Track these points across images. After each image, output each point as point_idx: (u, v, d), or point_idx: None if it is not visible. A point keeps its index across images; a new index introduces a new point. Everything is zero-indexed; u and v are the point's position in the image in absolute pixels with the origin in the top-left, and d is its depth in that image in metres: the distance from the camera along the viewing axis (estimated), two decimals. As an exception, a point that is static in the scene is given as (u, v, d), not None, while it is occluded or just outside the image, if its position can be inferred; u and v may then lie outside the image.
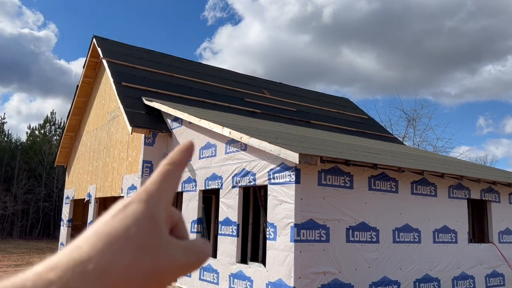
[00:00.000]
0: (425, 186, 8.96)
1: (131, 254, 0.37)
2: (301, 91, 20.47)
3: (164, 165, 0.43)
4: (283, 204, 7.22)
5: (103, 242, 0.37)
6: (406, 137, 28.84)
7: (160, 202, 0.41)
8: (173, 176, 0.43)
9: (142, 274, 0.37)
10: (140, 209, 0.39)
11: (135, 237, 0.38)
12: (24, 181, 27.50)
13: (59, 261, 0.36)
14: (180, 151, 0.45)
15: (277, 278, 7.16)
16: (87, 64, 15.71)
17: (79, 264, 0.35)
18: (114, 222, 0.38)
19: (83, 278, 0.35)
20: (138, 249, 0.37)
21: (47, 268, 0.35)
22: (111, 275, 0.36)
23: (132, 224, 0.38)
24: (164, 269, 0.39)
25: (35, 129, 33.40)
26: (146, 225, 0.39)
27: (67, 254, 0.36)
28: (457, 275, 9.19)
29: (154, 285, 0.38)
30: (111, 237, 0.37)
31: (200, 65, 17.95)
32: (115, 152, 13.20)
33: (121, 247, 0.37)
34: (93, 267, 0.35)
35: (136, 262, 0.37)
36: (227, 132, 8.63)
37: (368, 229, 7.88)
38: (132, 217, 0.39)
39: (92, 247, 0.36)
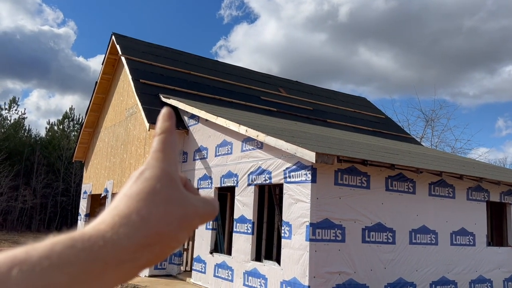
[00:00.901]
0: (443, 188, 8.84)
1: (162, 205, 0.42)
2: (317, 89, 20.37)
3: (159, 134, 0.48)
4: (299, 203, 7.20)
5: (135, 199, 0.42)
6: (424, 137, 28.47)
7: (170, 164, 0.46)
8: (171, 141, 0.48)
9: (175, 220, 0.43)
10: (157, 171, 0.44)
11: (161, 192, 0.43)
12: (43, 175, 28.03)
13: (104, 218, 0.41)
14: (165, 120, 0.49)
15: (291, 276, 7.15)
16: (106, 61, 15.91)
17: (123, 216, 0.40)
18: (138, 184, 0.43)
19: (129, 226, 0.40)
20: (167, 200, 0.43)
21: (97, 223, 0.40)
22: (152, 221, 0.41)
23: (156, 182, 0.43)
24: (191, 216, 0.45)
25: (54, 124, 34.01)
26: (167, 182, 0.44)
27: (108, 213, 0.41)
28: (475, 279, 9.05)
29: (185, 229, 0.44)
30: (141, 195, 0.42)
31: (217, 63, 18.01)
32: (133, 148, 13.35)
33: (153, 200, 0.42)
34: (135, 217, 0.40)
35: (167, 210, 0.42)
36: (243, 130, 8.65)
37: (384, 229, 7.81)
38: (152, 178, 0.44)
39: (128, 204, 0.41)
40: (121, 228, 0.39)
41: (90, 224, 0.41)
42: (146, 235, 0.40)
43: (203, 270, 9.77)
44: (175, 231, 0.42)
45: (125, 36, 15.77)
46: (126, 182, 0.45)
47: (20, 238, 21.15)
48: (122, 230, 0.39)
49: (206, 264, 9.71)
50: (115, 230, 0.39)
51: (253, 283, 8.09)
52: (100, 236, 0.38)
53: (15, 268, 0.34)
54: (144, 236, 0.40)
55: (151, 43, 16.35)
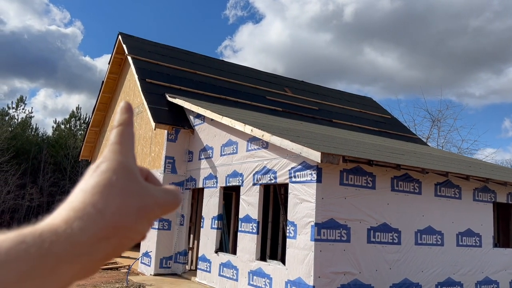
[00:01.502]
0: (449, 188, 8.79)
1: (119, 197, 0.42)
2: (323, 89, 20.34)
3: (117, 127, 0.48)
4: (304, 203, 7.20)
5: (91, 193, 0.41)
6: (430, 138, 28.32)
7: (127, 155, 0.46)
8: (129, 133, 0.48)
9: (133, 211, 0.42)
10: (113, 163, 0.44)
11: (117, 184, 0.43)
12: (50, 174, 28.23)
13: (59, 213, 0.40)
14: (123, 112, 0.49)
15: (296, 276, 7.15)
16: (112, 60, 15.99)
17: (78, 210, 0.40)
18: (94, 178, 0.43)
19: (84, 219, 0.39)
20: (123, 192, 0.43)
21: (51, 218, 0.40)
22: (108, 214, 0.40)
23: (112, 174, 0.43)
24: (149, 206, 0.44)
25: (61, 123, 34.23)
26: (124, 174, 0.44)
27: (63, 208, 0.41)
28: (481, 280, 8.99)
29: (144, 220, 0.44)
30: (97, 188, 0.42)
31: (223, 63, 18.04)
32: (138, 148, 13.41)
33: (109, 192, 0.42)
34: (90, 210, 0.40)
35: (124, 202, 0.42)
36: (248, 130, 8.66)
37: (390, 230, 7.78)
38: (108, 170, 0.43)
39: (83, 198, 0.41)
40: (75, 222, 0.39)
41: (43, 220, 0.40)
42: (102, 228, 0.39)
43: (208, 269, 9.80)
44: (133, 223, 0.42)
45: (132, 35, 15.84)
46: (84, 175, 0.44)
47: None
48: (77, 223, 0.39)
49: (211, 263, 9.74)
50: (69, 224, 0.38)
51: (258, 283, 8.10)
52: (53, 230, 0.38)
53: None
54: (100, 229, 0.39)
55: (157, 43, 16.41)
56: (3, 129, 28.38)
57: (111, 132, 0.48)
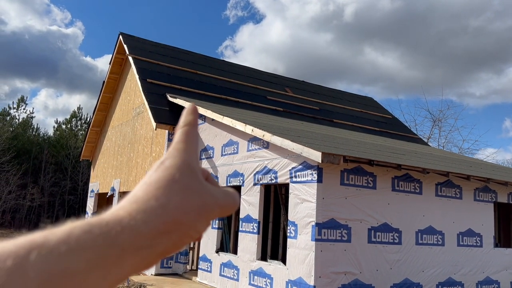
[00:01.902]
0: (450, 188, 8.79)
1: (181, 193, 0.43)
2: (323, 89, 20.34)
3: (182, 127, 0.49)
4: (305, 203, 7.21)
5: (155, 187, 0.42)
6: (431, 138, 28.30)
7: (191, 155, 0.47)
8: (193, 134, 0.49)
9: (194, 208, 0.43)
10: (178, 160, 0.45)
11: (180, 181, 0.44)
12: (51, 174, 28.27)
13: (123, 205, 0.41)
14: (189, 114, 0.50)
15: (297, 276, 7.16)
16: (113, 60, 16.01)
17: (142, 203, 0.41)
18: (158, 173, 0.44)
19: (147, 212, 0.40)
20: (186, 189, 0.43)
21: (115, 209, 0.41)
22: (170, 209, 0.41)
23: (175, 171, 0.44)
24: (210, 205, 0.45)
25: (61, 123, 34.27)
26: (187, 171, 0.45)
27: (127, 200, 0.42)
28: (482, 280, 8.99)
29: (204, 219, 0.44)
30: (160, 182, 0.43)
31: (224, 63, 18.05)
32: (139, 148, 13.43)
33: (171, 188, 0.43)
34: (153, 203, 0.41)
35: (186, 199, 0.43)
36: (249, 130, 8.67)
37: (391, 230, 7.79)
38: (172, 167, 0.44)
39: (146, 192, 0.42)
40: (139, 215, 0.39)
41: (108, 210, 0.41)
42: (164, 222, 0.40)
43: (209, 269, 9.81)
44: (193, 220, 0.43)
45: (132, 36, 15.85)
46: (150, 170, 0.46)
47: (28, 236, 21.32)
48: (140, 216, 0.39)
49: (212, 263, 9.75)
50: (133, 216, 0.39)
51: (259, 283, 8.10)
52: (118, 221, 0.38)
53: (33, 252, 0.34)
54: (162, 222, 0.40)
55: (158, 43, 16.42)
56: (4, 129, 28.42)
57: (176, 131, 0.49)
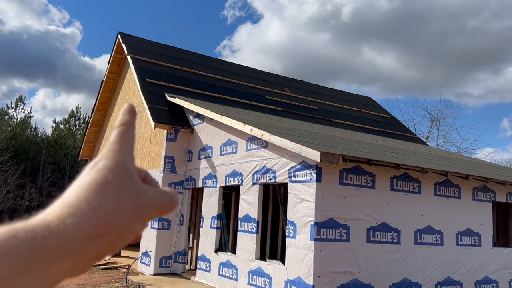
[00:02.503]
0: (448, 188, 8.80)
1: (114, 195, 0.42)
2: (322, 89, 20.34)
3: (118, 127, 0.48)
4: (304, 203, 7.20)
5: (86, 190, 0.41)
6: (429, 137, 28.34)
7: (126, 156, 0.45)
8: (129, 134, 0.48)
9: (127, 210, 0.42)
10: (111, 162, 0.44)
11: (113, 182, 0.42)
12: (49, 173, 28.21)
13: (53, 209, 0.40)
14: (126, 114, 0.49)
15: (296, 276, 7.15)
16: (111, 60, 15.98)
17: (72, 206, 0.39)
18: (91, 175, 0.42)
19: (78, 216, 0.39)
20: (119, 191, 0.42)
21: (44, 214, 0.39)
22: (102, 211, 0.40)
23: (108, 173, 0.43)
24: (145, 207, 0.44)
25: (60, 123, 34.21)
26: (121, 173, 0.43)
27: (57, 204, 0.40)
28: (480, 279, 9.00)
29: (139, 220, 0.43)
30: (93, 185, 0.41)
31: (222, 62, 18.03)
32: (138, 147, 13.41)
33: (104, 190, 0.41)
34: (84, 207, 0.40)
35: (119, 201, 0.42)
36: (248, 129, 8.66)
37: (389, 229, 7.79)
38: (105, 168, 0.43)
39: (78, 195, 0.41)
40: (68, 218, 0.38)
41: (37, 215, 0.39)
42: (95, 226, 0.39)
43: (207, 269, 9.80)
44: (127, 222, 0.42)
45: (131, 35, 15.82)
46: (82, 172, 0.44)
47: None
48: (70, 220, 0.38)
49: (210, 263, 9.73)
50: (62, 220, 0.38)
51: (258, 282, 8.10)
52: (45, 226, 0.37)
53: None
54: (93, 226, 0.39)
55: (156, 43, 16.40)
56: (3, 128, 28.36)
57: (111, 131, 0.48)
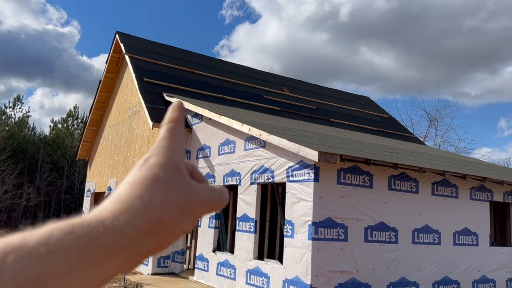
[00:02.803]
0: (446, 187, 8.82)
1: (165, 192, 0.42)
2: (320, 88, 20.35)
3: (167, 123, 0.48)
4: (301, 202, 7.21)
5: (138, 186, 0.42)
6: (427, 137, 28.39)
7: (175, 152, 0.46)
8: (178, 131, 0.48)
9: (177, 207, 0.43)
10: (161, 158, 0.45)
11: (164, 179, 0.43)
12: (47, 173, 28.16)
13: (106, 205, 0.41)
14: (175, 110, 0.49)
15: (294, 275, 7.16)
16: (109, 59, 15.96)
17: (125, 202, 0.40)
18: (142, 172, 0.43)
19: (130, 212, 0.40)
20: (169, 188, 0.43)
21: (98, 210, 0.40)
22: (154, 208, 0.41)
23: (159, 169, 0.43)
24: (194, 203, 0.45)
25: (58, 123, 34.14)
26: (171, 169, 0.44)
27: (110, 200, 0.41)
28: (478, 278, 9.03)
29: (189, 217, 0.44)
30: (144, 181, 0.42)
31: (221, 62, 18.03)
32: (136, 147, 13.39)
33: (155, 187, 0.42)
34: (137, 203, 0.40)
35: (170, 197, 0.42)
36: (246, 129, 8.66)
37: (387, 229, 7.80)
38: (156, 165, 0.44)
39: (130, 191, 0.41)
40: (122, 215, 0.39)
41: (91, 211, 0.40)
42: (148, 222, 0.40)
43: (205, 269, 9.80)
44: (178, 219, 0.42)
45: (129, 34, 15.81)
46: (133, 168, 0.45)
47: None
48: (123, 216, 0.39)
49: (208, 263, 9.74)
50: (116, 216, 0.39)
51: (256, 282, 8.10)
52: (100, 222, 0.38)
53: (11, 255, 0.33)
54: (145, 222, 0.40)
55: (154, 42, 16.38)
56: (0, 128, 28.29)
57: (161, 128, 0.49)
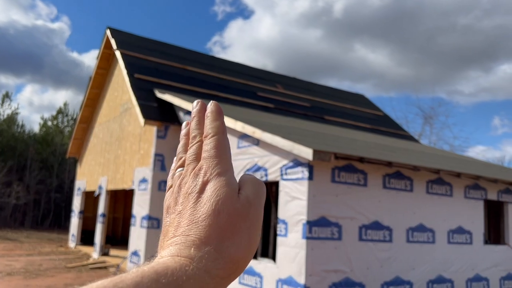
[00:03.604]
0: (440, 186, 8.76)
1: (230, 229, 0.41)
2: (315, 86, 20.26)
3: (212, 136, 0.45)
4: (295, 201, 7.10)
5: (204, 225, 0.40)
6: (422, 135, 28.45)
7: (229, 171, 0.44)
8: (225, 144, 0.46)
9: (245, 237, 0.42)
10: (218, 184, 0.42)
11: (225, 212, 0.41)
12: (36, 171, 27.80)
13: (180, 249, 0.40)
14: (216, 118, 0.46)
15: (287, 275, 7.06)
16: (100, 55, 15.71)
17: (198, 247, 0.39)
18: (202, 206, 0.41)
19: (206, 258, 0.39)
20: (234, 223, 0.41)
21: (174, 254, 0.40)
22: (225, 250, 0.40)
23: (218, 200, 0.41)
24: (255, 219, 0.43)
25: (47, 120, 33.71)
26: (230, 197, 0.42)
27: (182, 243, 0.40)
28: (471, 277, 8.99)
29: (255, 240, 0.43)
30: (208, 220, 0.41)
31: (213, 58, 17.85)
32: (127, 145, 13.19)
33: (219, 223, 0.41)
34: (209, 249, 0.39)
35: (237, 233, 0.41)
36: (239, 127, 8.53)
37: (381, 228, 7.72)
38: (215, 195, 0.42)
39: (199, 233, 0.40)
40: (200, 263, 0.38)
41: (166, 253, 0.40)
42: (223, 267, 0.39)
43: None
44: (247, 249, 0.42)
45: (120, 30, 15.57)
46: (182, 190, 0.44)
47: (13, 234, 20.95)
48: (202, 265, 0.38)
49: (201, 262, 9.61)
50: (195, 264, 0.38)
51: (249, 281, 7.99)
52: (183, 271, 0.38)
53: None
54: (221, 268, 0.39)
55: (146, 38, 16.16)
56: (-11, 125, 27.85)
57: (205, 140, 0.46)
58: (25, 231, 23.30)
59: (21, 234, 21.25)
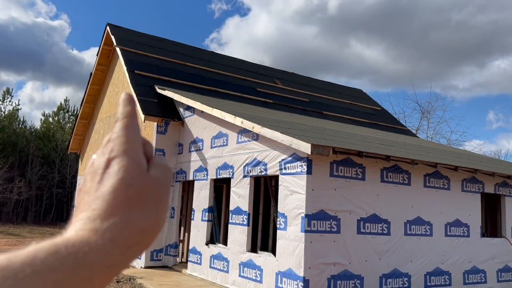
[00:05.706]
0: (438, 179, 8.86)
1: (137, 199, 0.42)
2: (313, 81, 20.31)
3: (122, 119, 0.46)
4: (294, 195, 7.21)
5: (112, 198, 0.41)
6: (419, 129, 28.53)
7: (136, 149, 0.45)
8: (134, 126, 0.47)
9: (152, 208, 0.43)
10: (125, 160, 0.43)
11: (134, 185, 0.42)
12: (38, 167, 27.92)
13: (86, 223, 0.40)
14: (126, 104, 0.48)
15: (287, 267, 7.18)
16: (100, 52, 15.76)
17: (104, 219, 0.40)
18: (109, 180, 0.42)
19: (111, 229, 0.40)
20: (141, 194, 0.43)
21: (79, 228, 0.40)
22: (132, 220, 0.41)
23: (126, 175, 0.42)
24: (162, 196, 0.45)
25: (48, 116, 33.80)
26: (137, 171, 0.43)
27: (87, 216, 0.41)
28: (469, 269, 9.12)
29: (163, 212, 0.44)
30: (116, 192, 0.42)
31: (213, 54, 17.90)
32: (128, 140, 13.28)
33: (128, 196, 0.42)
34: (116, 219, 0.40)
35: (144, 203, 0.42)
36: (239, 122, 8.62)
37: (380, 221, 7.84)
38: (122, 170, 0.43)
39: (105, 205, 0.41)
40: (105, 233, 0.39)
41: (70, 228, 0.40)
42: (131, 236, 0.40)
43: (198, 262, 9.79)
44: (156, 220, 0.43)
45: (120, 26, 15.61)
46: (90, 169, 0.44)
47: (16, 230, 21.10)
48: (107, 235, 0.39)
49: (201, 256, 9.73)
50: (100, 235, 0.39)
51: (249, 274, 8.11)
52: (85, 242, 0.38)
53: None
54: (128, 237, 0.40)
55: (146, 34, 16.20)
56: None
57: (115, 124, 0.47)
58: (27, 226, 23.46)
59: (23, 229, 21.40)
